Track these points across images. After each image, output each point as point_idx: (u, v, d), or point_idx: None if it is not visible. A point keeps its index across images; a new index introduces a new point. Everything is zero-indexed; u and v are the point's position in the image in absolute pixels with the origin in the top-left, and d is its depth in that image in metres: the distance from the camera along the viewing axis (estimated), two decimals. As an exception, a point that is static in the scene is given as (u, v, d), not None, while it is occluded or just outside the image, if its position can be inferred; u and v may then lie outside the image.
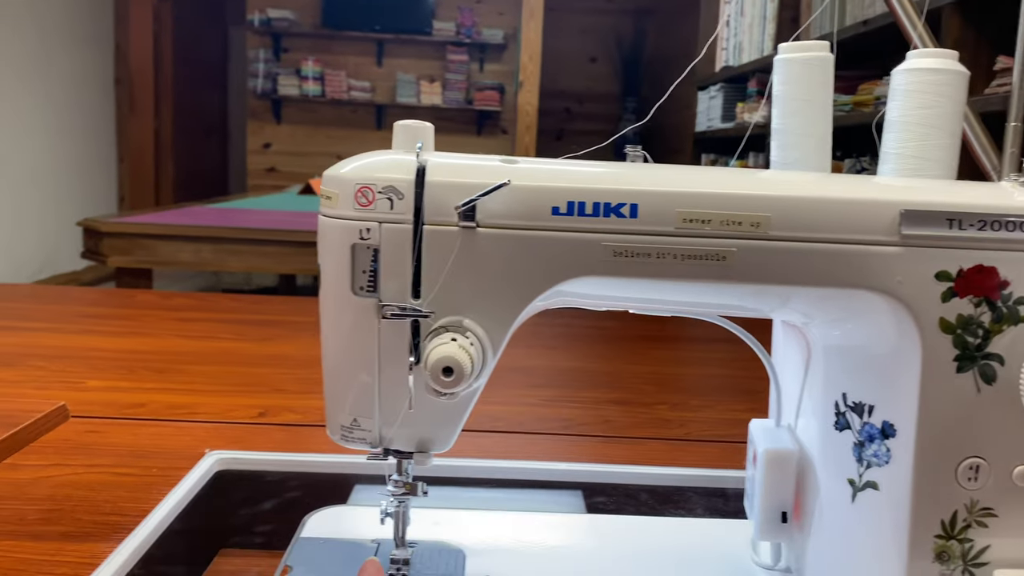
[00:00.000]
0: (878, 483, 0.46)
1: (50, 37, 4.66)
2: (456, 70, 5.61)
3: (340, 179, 0.44)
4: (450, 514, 0.58)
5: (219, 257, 2.30)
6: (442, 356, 0.42)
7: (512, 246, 0.43)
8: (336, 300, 0.45)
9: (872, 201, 0.43)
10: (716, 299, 0.48)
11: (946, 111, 0.50)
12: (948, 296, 0.43)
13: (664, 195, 0.43)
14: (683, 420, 0.82)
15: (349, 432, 0.47)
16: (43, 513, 0.56)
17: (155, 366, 0.93)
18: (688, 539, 0.57)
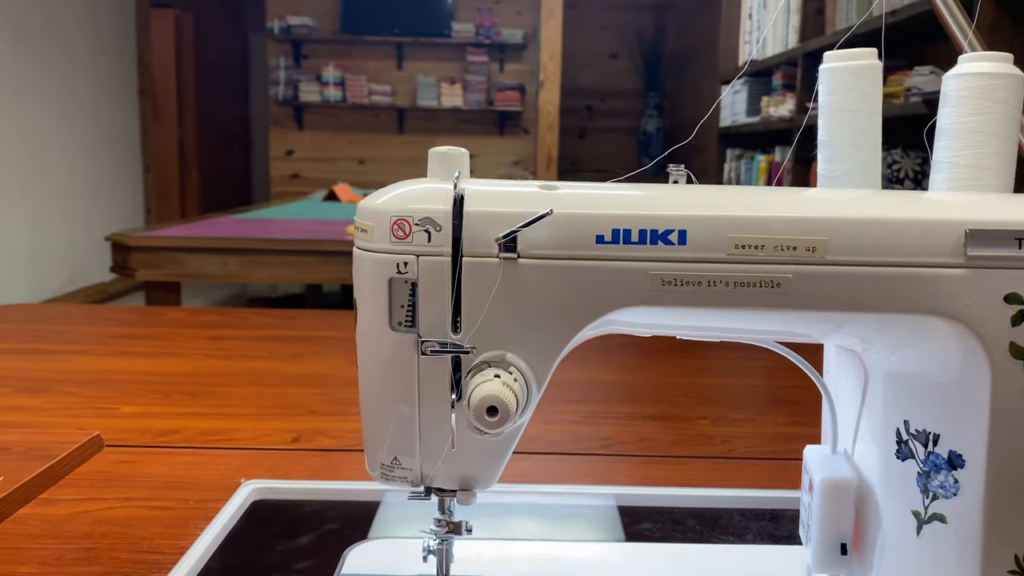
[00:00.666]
0: (946, 516, 0.43)
1: (73, 50, 4.71)
2: (476, 71, 5.60)
3: (375, 211, 0.42)
4: (493, 546, 0.56)
5: (245, 269, 2.31)
6: (486, 395, 0.41)
7: (555, 277, 0.42)
8: (374, 335, 0.44)
9: (934, 221, 0.41)
10: (765, 325, 0.46)
11: (1002, 117, 0.47)
12: (1019, 320, 0.40)
13: (714, 220, 0.41)
14: (725, 436, 0.80)
15: (389, 471, 0.46)
16: (80, 552, 0.55)
17: (188, 389, 0.92)
18: (740, 569, 0.55)
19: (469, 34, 5.55)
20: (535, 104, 5.47)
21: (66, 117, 4.66)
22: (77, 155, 4.79)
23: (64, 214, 4.63)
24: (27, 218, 4.29)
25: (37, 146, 4.38)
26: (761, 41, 3.73)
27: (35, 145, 4.37)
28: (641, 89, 6.30)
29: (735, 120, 3.99)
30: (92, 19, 4.93)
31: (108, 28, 5.15)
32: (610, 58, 6.34)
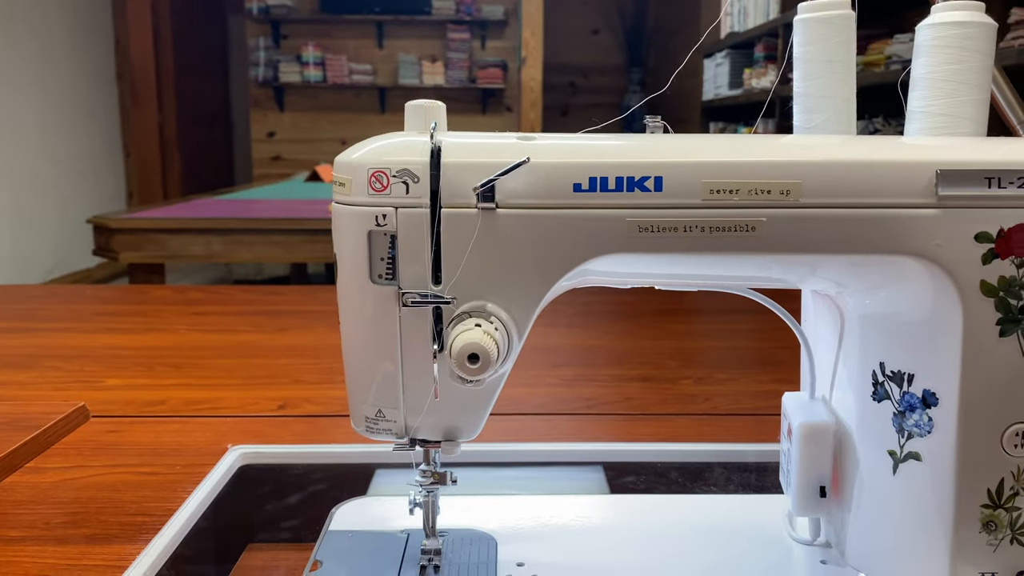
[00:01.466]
0: (920, 454, 0.44)
1: (49, 36, 4.65)
2: (458, 48, 5.56)
3: (353, 164, 0.43)
4: (479, 500, 0.57)
5: (229, 248, 2.30)
6: (467, 343, 0.41)
7: (534, 226, 0.42)
8: (355, 289, 0.44)
9: (906, 162, 0.41)
10: (742, 271, 0.47)
11: (974, 65, 0.48)
12: (989, 258, 0.41)
13: (689, 166, 0.41)
14: (708, 394, 0.81)
15: (374, 424, 0.46)
16: (68, 516, 0.56)
17: (173, 362, 0.92)
18: (721, 516, 0.55)
19: (449, 11, 5.50)
20: (517, 81, 5.44)
21: (44, 103, 4.60)
22: (56, 141, 4.73)
23: (46, 201, 4.59)
24: (8, 206, 4.25)
25: (15, 133, 4.33)
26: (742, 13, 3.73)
27: (13, 132, 4.31)
28: (624, 64, 6.28)
29: (718, 93, 3.98)
30: (68, 2, 4.86)
31: (84, 11, 5.08)
32: (592, 34, 6.32)
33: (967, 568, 0.44)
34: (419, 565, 0.49)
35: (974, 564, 0.44)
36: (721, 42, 3.96)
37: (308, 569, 0.50)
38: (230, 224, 2.28)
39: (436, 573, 0.49)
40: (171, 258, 2.28)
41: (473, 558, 0.50)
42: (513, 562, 0.49)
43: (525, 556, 0.50)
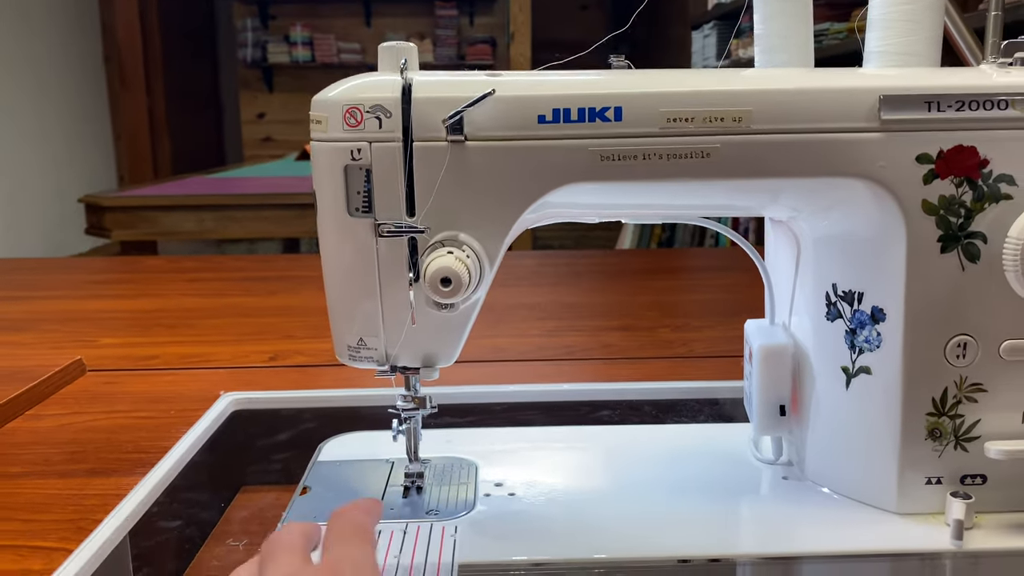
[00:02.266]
0: (871, 367, 0.47)
1: (35, 19, 4.62)
2: (446, 25, 5.55)
3: (328, 102, 0.45)
4: (461, 432, 0.60)
5: (221, 224, 2.31)
6: (439, 268, 0.43)
7: (501, 157, 0.44)
8: (333, 223, 0.46)
9: (851, 89, 0.44)
10: (706, 199, 0.49)
11: (925, 5, 0.50)
12: (930, 178, 0.44)
13: (647, 96, 0.44)
14: (685, 340, 0.83)
15: (356, 352, 0.49)
16: (68, 455, 0.58)
17: (166, 322, 0.95)
18: (690, 442, 0.58)
19: (437, -12, 5.48)
20: (506, 57, 5.43)
21: (32, 88, 4.58)
22: (46, 126, 4.72)
23: (37, 185, 4.58)
24: None
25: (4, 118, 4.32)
26: (729, -17, 3.72)
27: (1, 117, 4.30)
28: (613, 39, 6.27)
29: (706, 64, 3.99)
30: (52, -16, 4.83)
31: (69, -6, 5.05)
32: (580, 8, 6.30)
33: (914, 475, 0.47)
34: (403, 487, 0.52)
35: (921, 471, 0.47)
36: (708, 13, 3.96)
37: (297, 494, 0.52)
38: (222, 200, 2.30)
39: (419, 494, 0.51)
40: (164, 235, 2.29)
41: (454, 480, 0.53)
42: (492, 483, 0.52)
43: (503, 477, 0.53)
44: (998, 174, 0.43)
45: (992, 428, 0.46)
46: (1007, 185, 0.44)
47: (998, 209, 0.44)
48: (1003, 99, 0.43)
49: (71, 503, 0.51)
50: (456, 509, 0.49)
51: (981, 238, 0.44)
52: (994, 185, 0.44)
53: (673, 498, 0.51)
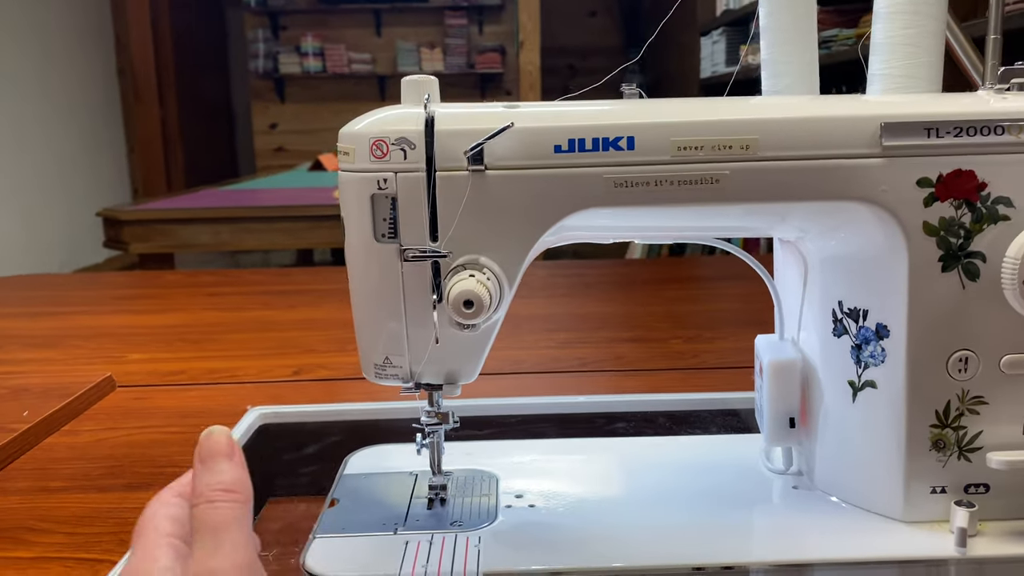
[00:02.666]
0: (876, 382, 0.49)
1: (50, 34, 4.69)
2: (455, 34, 5.59)
3: (355, 135, 0.47)
4: (481, 445, 0.62)
5: (237, 237, 2.34)
6: (462, 291, 0.46)
7: (519, 185, 0.47)
8: (361, 248, 0.49)
9: (854, 117, 0.46)
10: (716, 222, 0.51)
11: (928, 30, 0.52)
12: (930, 201, 0.46)
13: (658, 126, 0.46)
14: (696, 351, 0.85)
15: (382, 370, 0.51)
16: (106, 469, 0.61)
17: (190, 338, 0.97)
18: (703, 453, 0.60)
19: (446, -3, 5.52)
20: (516, 65, 5.46)
21: (47, 100, 4.65)
22: (60, 138, 4.78)
23: (52, 198, 4.64)
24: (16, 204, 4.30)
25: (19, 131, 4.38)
26: (737, -10, 3.74)
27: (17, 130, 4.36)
28: (622, 45, 6.29)
29: (715, 71, 4.01)
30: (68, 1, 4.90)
31: (84, 9, 5.12)
32: (589, 15, 6.33)
33: (919, 484, 0.49)
34: (427, 499, 0.54)
35: (926, 480, 0.49)
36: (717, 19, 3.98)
37: (327, 506, 0.55)
38: (237, 213, 2.33)
39: (443, 505, 0.54)
40: (180, 247, 2.33)
41: (476, 491, 0.55)
42: (513, 494, 0.54)
43: (523, 488, 0.55)
44: (996, 196, 0.45)
45: (994, 439, 0.48)
46: (1004, 207, 0.45)
47: (996, 230, 0.46)
48: (1000, 125, 0.45)
49: (112, 516, 0.54)
50: (479, 520, 0.52)
51: (980, 257, 0.46)
52: (992, 207, 0.45)
53: (687, 508, 0.53)
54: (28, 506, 0.55)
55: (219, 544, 0.34)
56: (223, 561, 0.34)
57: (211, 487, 0.36)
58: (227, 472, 0.37)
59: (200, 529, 0.35)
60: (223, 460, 0.37)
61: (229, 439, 0.39)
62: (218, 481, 0.36)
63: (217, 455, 0.38)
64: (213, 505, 0.35)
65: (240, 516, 0.36)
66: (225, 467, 0.37)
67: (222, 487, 0.36)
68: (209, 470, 0.37)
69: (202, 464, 0.37)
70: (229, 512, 0.35)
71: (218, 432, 0.39)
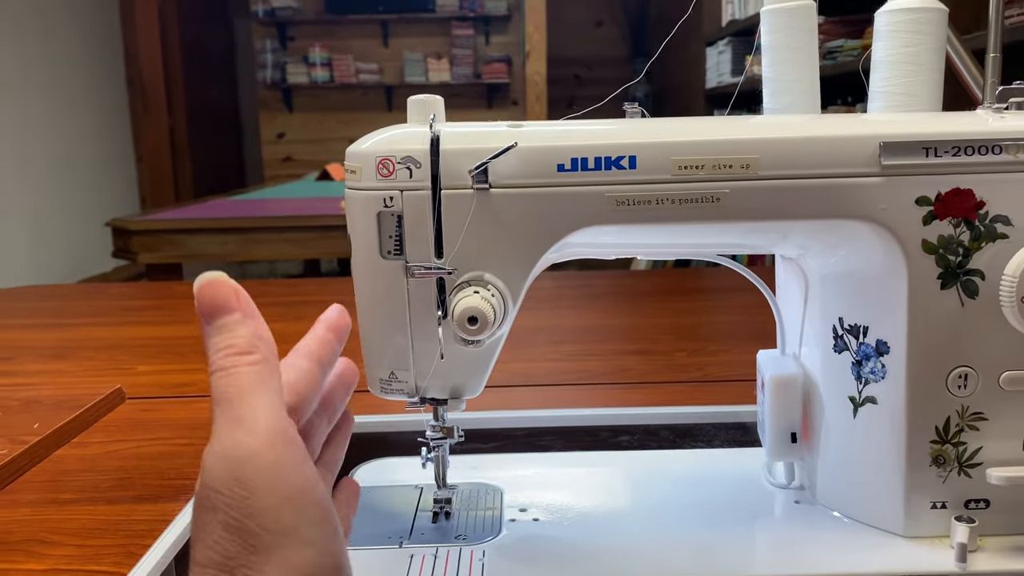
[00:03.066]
0: (876, 397, 0.49)
1: (59, 44, 4.73)
2: (462, 45, 5.61)
3: (362, 154, 0.48)
4: (486, 458, 0.62)
5: (245, 247, 2.36)
6: (467, 307, 0.46)
7: (523, 203, 0.47)
8: (367, 265, 0.49)
9: (853, 136, 0.46)
10: (717, 239, 0.52)
11: (928, 47, 0.53)
12: (929, 219, 0.46)
13: (659, 145, 0.46)
14: (701, 364, 0.86)
15: (387, 385, 0.52)
16: (115, 481, 0.61)
17: (199, 349, 0.98)
18: (706, 466, 0.61)
19: (453, 8, 5.55)
20: (522, 75, 5.48)
21: (56, 110, 4.68)
22: (69, 148, 4.81)
23: (60, 207, 4.67)
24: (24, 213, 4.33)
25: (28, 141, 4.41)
26: (742, 1, 3.76)
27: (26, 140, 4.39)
28: (628, 55, 6.31)
29: (721, 81, 4.02)
30: (78, 11, 4.94)
31: (93, 20, 5.16)
32: (596, 26, 6.35)
33: (920, 500, 0.49)
34: (432, 512, 0.55)
35: (926, 496, 0.49)
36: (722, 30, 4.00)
37: (332, 519, 0.55)
38: (245, 223, 2.35)
39: (447, 519, 0.54)
40: (188, 258, 2.34)
41: (481, 505, 0.55)
42: (517, 508, 0.55)
43: (528, 502, 0.56)
44: (994, 215, 0.46)
45: (994, 455, 0.48)
46: (1003, 225, 0.46)
47: (995, 248, 0.46)
48: (998, 144, 0.46)
49: (121, 529, 0.54)
50: (483, 534, 0.52)
51: (979, 275, 0.46)
52: (990, 225, 0.46)
53: (691, 521, 0.53)
54: (39, 518, 0.56)
55: (238, 419, 0.30)
56: (246, 435, 0.29)
57: (223, 352, 0.31)
58: (239, 328, 0.32)
59: (216, 404, 0.30)
60: (232, 314, 0.32)
61: (231, 285, 0.33)
62: (229, 344, 0.31)
63: (223, 309, 0.32)
64: (228, 372, 0.31)
65: (263, 377, 0.31)
66: (235, 322, 0.32)
67: (235, 350, 0.31)
68: (218, 330, 0.31)
69: (209, 324, 0.32)
70: (248, 376, 0.31)
71: (218, 279, 0.33)
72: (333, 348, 0.39)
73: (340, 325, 0.40)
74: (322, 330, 0.39)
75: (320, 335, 0.39)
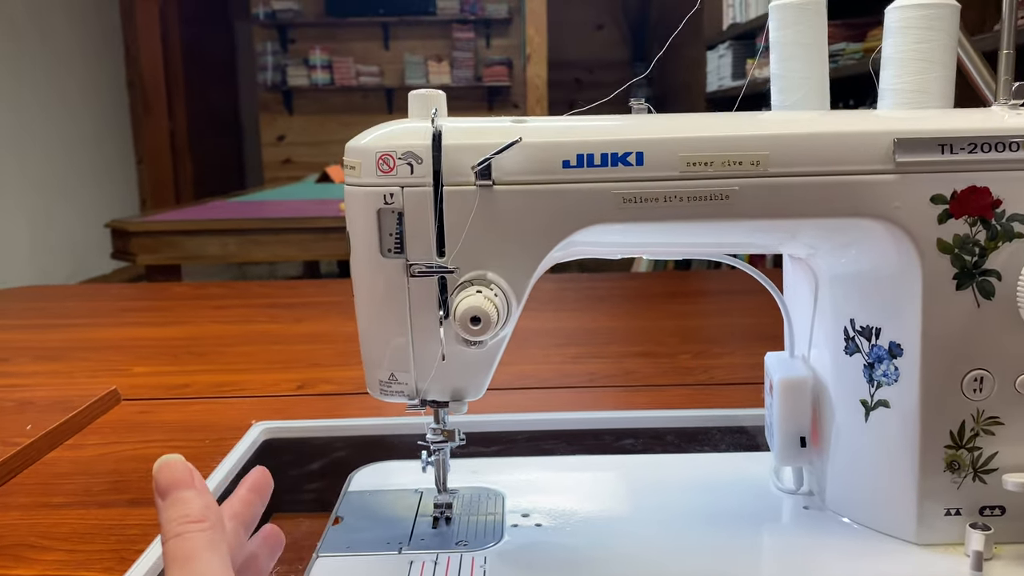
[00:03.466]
0: (889, 401, 0.48)
1: (60, 45, 4.72)
2: (463, 48, 5.61)
3: (361, 149, 0.47)
4: (487, 462, 0.61)
5: (244, 249, 2.35)
6: (469, 307, 0.45)
7: (527, 201, 0.46)
8: (367, 263, 0.48)
9: (867, 132, 0.45)
10: (725, 238, 0.51)
11: (940, 44, 0.52)
12: (944, 218, 0.45)
13: (667, 141, 0.45)
14: (705, 367, 0.85)
15: (387, 386, 0.50)
16: (108, 484, 0.60)
17: (196, 351, 0.97)
18: (713, 471, 0.59)
19: (454, 11, 5.54)
20: (523, 78, 5.48)
21: (56, 112, 4.67)
22: (69, 149, 4.81)
23: (60, 208, 4.66)
24: (25, 214, 4.32)
25: (29, 142, 4.40)
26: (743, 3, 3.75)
27: (26, 141, 4.38)
28: (629, 59, 6.31)
29: (721, 84, 4.01)
30: (78, 12, 4.93)
31: (94, 21, 5.15)
32: (596, 29, 6.34)
33: (934, 506, 0.48)
34: (432, 517, 0.53)
35: (940, 502, 0.48)
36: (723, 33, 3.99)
37: (330, 524, 0.54)
38: (245, 224, 2.34)
39: (448, 524, 0.53)
40: (188, 259, 2.33)
41: (482, 510, 0.54)
42: (519, 513, 0.54)
43: (530, 507, 0.54)
44: (1011, 214, 0.45)
45: (1009, 460, 0.47)
46: (1020, 224, 0.45)
47: (1011, 247, 0.45)
48: (1015, 141, 0.45)
49: (113, 533, 0.53)
50: (484, 540, 0.51)
51: (995, 276, 0.45)
52: (1007, 224, 0.45)
53: (696, 527, 0.52)
54: (29, 522, 0.55)
55: (192, 573, 0.34)
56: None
57: (177, 521, 0.35)
58: (192, 501, 0.36)
59: (172, 563, 0.34)
60: (186, 490, 0.36)
61: (186, 466, 0.38)
62: (183, 514, 0.35)
63: (177, 485, 0.37)
64: (183, 537, 0.35)
65: (211, 541, 0.35)
66: (189, 496, 0.36)
67: (189, 519, 0.35)
68: (173, 503, 0.36)
69: (164, 499, 0.36)
70: (199, 539, 0.35)
71: (173, 461, 0.38)
72: (255, 508, 0.45)
73: (262, 485, 0.46)
74: (244, 491, 0.44)
75: (242, 496, 0.44)
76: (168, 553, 0.35)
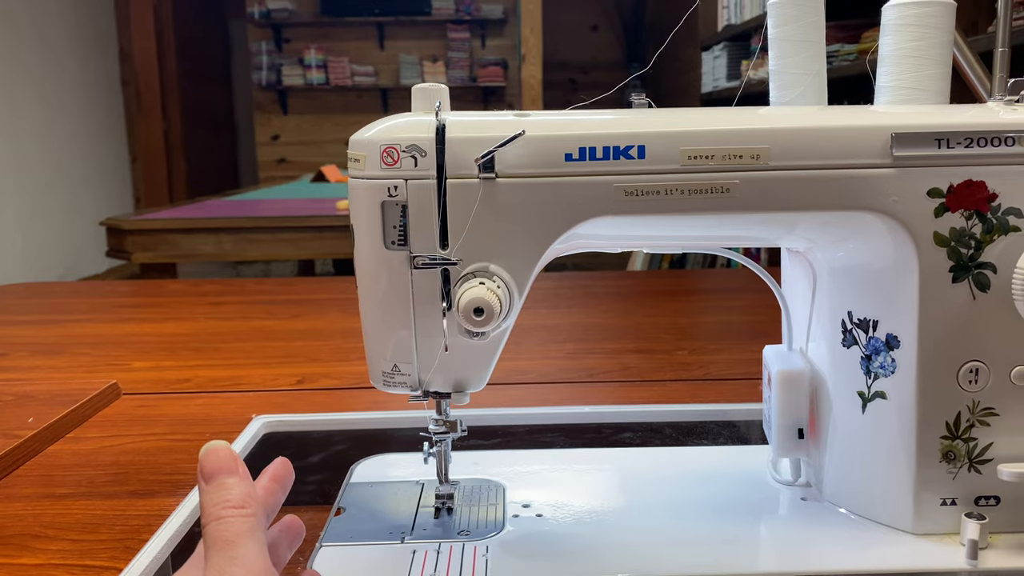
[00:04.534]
0: (886, 392, 0.49)
1: (55, 44, 4.71)
2: (458, 48, 5.61)
3: (366, 142, 0.47)
4: (488, 454, 0.62)
5: (239, 247, 2.34)
6: (472, 298, 0.46)
7: (530, 193, 0.47)
8: (370, 255, 0.49)
9: (865, 127, 0.46)
10: (725, 231, 0.51)
11: (936, 42, 0.52)
12: (941, 211, 0.46)
13: (668, 135, 0.46)
14: (702, 363, 0.85)
15: (390, 378, 0.51)
16: (111, 476, 0.60)
17: (194, 346, 0.97)
18: (711, 464, 0.60)
19: (449, 11, 5.55)
20: (518, 79, 5.48)
21: (51, 111, 4.66)
22: (64, 148, 4.79)
23: (55, 207, 4.65)
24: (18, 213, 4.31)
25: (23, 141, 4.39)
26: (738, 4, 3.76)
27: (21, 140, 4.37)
28: (624, 60, 6.32)
29: (716, 86, 4.02)
30: (73, 11, 4.92)
31: (89, 21, 5.14)
32: (591, 30, 6.35)
33: (930, 496, 0.49)
34: (434, 508, 0.54)
35: (936, 492, 0.49)
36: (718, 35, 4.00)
37: (332, 515, 0.54)
38: (240, 223, 2.33)
39: (449, 515, 0.53)
40: (183, 257, 2.33)
41: (483, 501, 0.54)
42: (520, 504, 0.54)
43: (530, 498, 0.55)
44: (1006, 207, 0.45)
45: (1005, 451, 0.48)
46: (1015, 218, 0.45)
47: (1007, 241, 0.46)
48: (1010, 136, 0.45)
49: (117, 523, 0.53)
50: (486, 530, 0.51)
51: (991, 268, 0.46)
52: (1003, 218, 0.46)
53: (695, 518, 0.53)
54: (33, 513, 0.55)
55: (233, 556, 0.34)
56: (240, 570, 0.34)
57: (220, 505, 0.36)
58: (235, 488, 0.36)
59: (212, 545, 0.35)
60: (229, 476, 0.37)
61: (231, 453, 0.38)
62: (226, 499, 0.36)
63: (221, 471, 0.37)
64: (223, 521, 0.35)
65: (253, 527, 0.35)
66: (232, 482, 0.37)
67: (231, 504, 0.36)
68: (216, 488, 0.37)
69: (207, 483, 0.37)
70: (241, 525, 0.35)
71: (220, 447, 0.38)
72: (277, 497, 0.45)
73: (283, 476, 0.46)
74: (265, 481, 0.45)
75: (264, 485, 0.44)
76: (208, 536, 0.35)
